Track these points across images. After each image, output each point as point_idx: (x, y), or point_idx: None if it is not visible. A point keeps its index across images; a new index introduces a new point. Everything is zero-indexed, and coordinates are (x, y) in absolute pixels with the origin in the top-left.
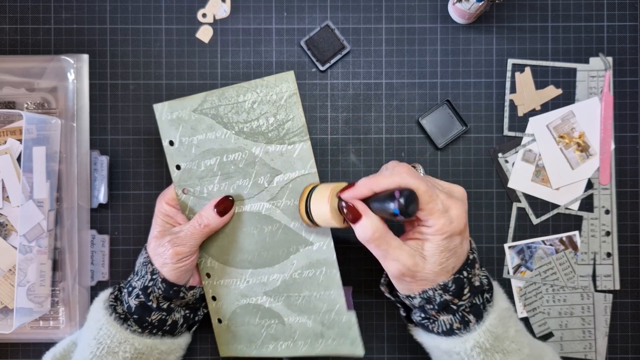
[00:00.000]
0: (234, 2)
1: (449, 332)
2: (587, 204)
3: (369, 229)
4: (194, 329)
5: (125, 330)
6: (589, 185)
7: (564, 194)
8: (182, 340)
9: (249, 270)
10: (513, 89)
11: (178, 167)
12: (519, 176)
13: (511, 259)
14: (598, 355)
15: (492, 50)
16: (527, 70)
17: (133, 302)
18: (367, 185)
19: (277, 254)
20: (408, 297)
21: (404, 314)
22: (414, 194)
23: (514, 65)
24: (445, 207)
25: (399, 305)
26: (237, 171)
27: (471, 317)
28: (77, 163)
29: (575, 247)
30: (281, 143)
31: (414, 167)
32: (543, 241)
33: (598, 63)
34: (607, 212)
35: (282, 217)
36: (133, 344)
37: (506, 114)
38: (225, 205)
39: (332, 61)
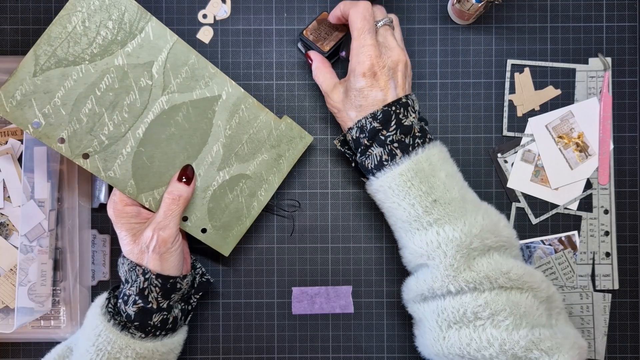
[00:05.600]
0: (234, 3)
1: (380, 165)
2: (586, 203)
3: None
4: (189, 317)
5: (125, 336)
6: (588, 185)
7: (563, 194)
8: (180, 337)
9: (193, 163)
10: (512, 90)
11: (62, 141)
12: (518, 176)
13: None
14: (597, 354)
15: (492, 50)
16: (527, 70)
17: (131, 310)
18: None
19: (203, 129)
20: (349, 130)
21: (353, 165)
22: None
23: (513, 65)
24: (357, 50)
25: (348, 156)
26: (117, 94)
27: (398, 152)
28: None
29: (574, 247)
30: (133, 37)
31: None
32: (542, 241)
33: (597, 63)
34: (606, 212)
35: (182, 97)
36: (135, 348)
37: (505, 114)
38: (186, 173)
39: (332, 60)
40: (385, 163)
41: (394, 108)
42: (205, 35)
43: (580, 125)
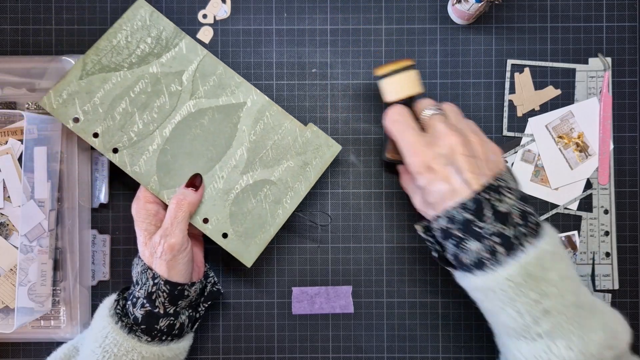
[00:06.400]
0: (234, 3)
1: (479, 264)
2: (586, 203)
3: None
4: (196, 325)
5: (132, 339)
6: (588, 185)
7: (563, 194)
8: (186, 343)
9: (216, 165)
10: (512, 90)
11: (96, 135)
12: (518, 176)
13: None
14: None
15: (492, 50)
16: (526, 70)
17: (139, 313)
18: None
19: (228, 132)
20: (437, 218)
21: (435, 255)
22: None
23: (513, 65)
24: (404, 152)
25: (430, 244)
26: (149, 97)
27: (500, 248)
28: (78, 163)
29: (574, 247)
30: (168, 50)
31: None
32: None
33: (597, 63)
34: (606, 212)
35: (209, 102)
36: (140, 352)
37: (505, 114)
38: (194, 182)
39: None
40: (485, 262)
41: (485, 195)
42: (205, 35)
43: (580, 125)
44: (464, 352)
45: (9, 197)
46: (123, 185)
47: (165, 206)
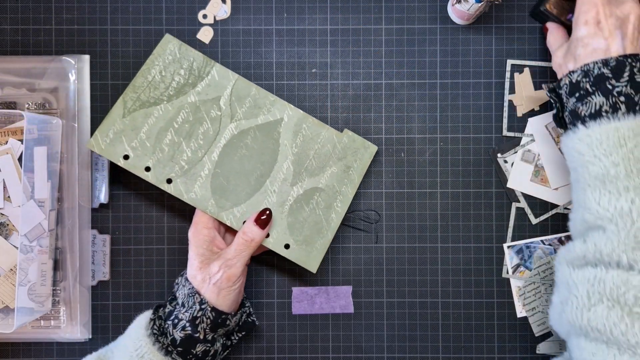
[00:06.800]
0: (235, 3)
1: (595, 115)
2: None
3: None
4: (225, 354)
5: None
6: None
7: (563, 193)
8: None
9: (267, 181)
10: (512, 90)
11: (148, 169)
12: (518, 176)
13: (510, 258)
14: None
15: (491, 50)
16: (526, 70)
17: (178, 335)
18: None
19: (271, 148)
20: (570, 73)
21: (554, 113)
22: None
23: (512, 65)
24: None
25: (553, 102)
26: (192, 125)
27: (622, 107)
28: (78, 163)
29: None
30: (202, 79)
31: None
32: (542, 241)
33: None
34: None
35: (248, 122)
36: None
37: (505, 114)
38: (265, 216)
39: None
40: (603, 114)
41: (630, 60)
42: (205, 35)
43: None
44: (464, 352)
45: (9, 197)
46: (123, 185)
47: (222, 230)
